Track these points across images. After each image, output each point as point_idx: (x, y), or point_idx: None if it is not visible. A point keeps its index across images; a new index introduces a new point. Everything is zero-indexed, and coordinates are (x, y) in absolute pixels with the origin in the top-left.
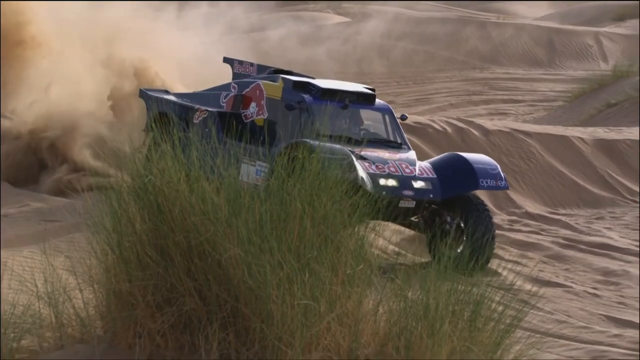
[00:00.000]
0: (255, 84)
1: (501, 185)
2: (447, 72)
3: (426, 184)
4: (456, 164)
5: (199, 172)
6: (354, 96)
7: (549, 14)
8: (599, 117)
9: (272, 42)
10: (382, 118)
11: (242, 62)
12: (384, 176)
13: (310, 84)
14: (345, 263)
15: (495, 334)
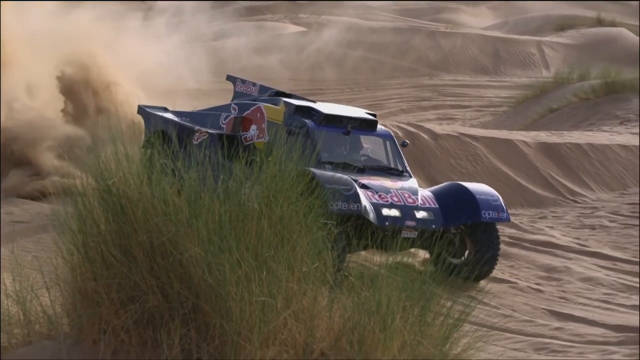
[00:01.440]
0: (256, 107)
1: (503, 217)
2: (398, 79)
3: (429, 214)
4: (458, 194)
5: (160, 176)
6: (356, 122)
7: (494, 24)
8: (542, 121)
9: (229, 50)
10: (383, 144)
11: (244, 81)
12: (386, 206)
13: (312, 109)
14: (301, 261)
15: (444, 328)
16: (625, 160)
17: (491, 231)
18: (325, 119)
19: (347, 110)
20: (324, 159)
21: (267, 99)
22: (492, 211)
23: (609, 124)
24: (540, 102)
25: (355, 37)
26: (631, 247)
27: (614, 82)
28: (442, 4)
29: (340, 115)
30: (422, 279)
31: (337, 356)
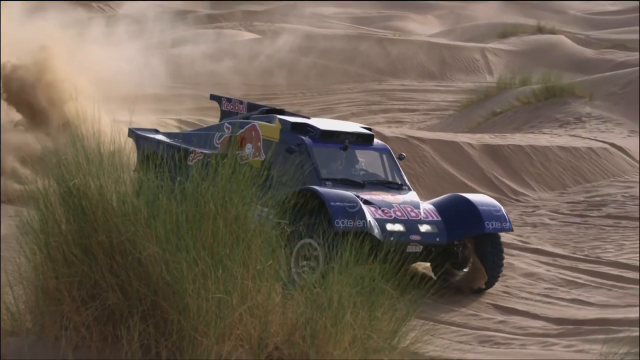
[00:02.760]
0: (251, 125)
1: (506, 227)
2: (348, 84)
3: (432, 228)
4: (460, 206)
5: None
6: (353, 137)
7: (441, 31)
8: (486, 124)
9: (186, 57)
10: (381, 158)
11: (230, 99)
12: (390, 221)
13: (309, 125)
14: (256, 259)
15: (392, 322)
16: (564, 161)
17: (494, 241)
18: (323, 135)
19: (342, 125)
20: (324, 175)
21: (260, 117)
22: (495, 222)
23: (549, 127)
24: (484, 106)
25: (307, 44)
26: (570, 243)
27: (554, 87)
28: (391, 13)
29: (337, 130)
30: (371, 276)
31: (291, 350)
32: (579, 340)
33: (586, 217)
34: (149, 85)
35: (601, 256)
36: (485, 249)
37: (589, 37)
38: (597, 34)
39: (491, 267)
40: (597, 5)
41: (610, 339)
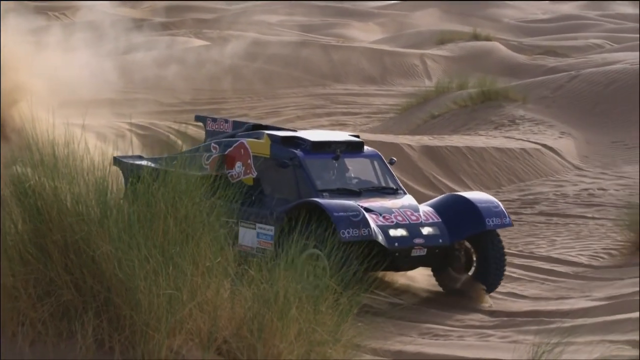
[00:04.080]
0: (239, 143)
1: (506, 222)
2: (294, 88)
3: (434, 230)
4: (459, 205)
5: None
6: (343, 146)
7: (382, 38)
8: (425, 126)
9: (137, 63)
10: (373, 165)
11: (215, 119)
12: (392, 227)
13: (299, 138)
14: (205, 257)
15: (336, 316)
16: (499, 161)
17: (495, 241)
18: (314, 146)
19: (331, 135)
20: (320, 187)
21: (246, 134)
22: (495, 218)
23: (485, 129)
24: (423, 109)
25: (254, 50)
26: (505, 239)
27: (489, 91)
28: (335, 20)
29: (328, 141)
30: (315, 272)
31: (239, 344)
32: (513, 331)
33: (520, 214)
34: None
35: (534, 251)
36: (487, 249)
37: (522, 43)
38: (530, 40)
39: (494, 266)
40: (529, 14)
41: (543, 329)
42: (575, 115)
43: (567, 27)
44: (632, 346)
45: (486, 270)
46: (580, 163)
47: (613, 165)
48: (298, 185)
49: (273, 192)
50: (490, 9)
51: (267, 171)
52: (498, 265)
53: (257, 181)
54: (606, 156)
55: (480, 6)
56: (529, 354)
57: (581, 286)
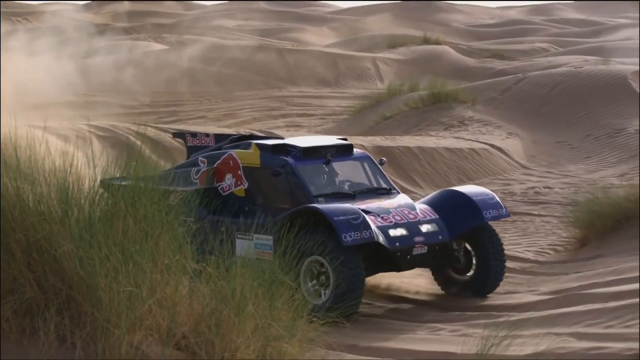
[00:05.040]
0: (227, 155)
1: (503, 213)
2: (251, 91)
3: (433, 227)
4: (455, 200)
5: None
6: (333, 150)
7: (335, 42)
8: (377, 127)
9: (98, 67)
10: (364, 166)
11: (195, 134)
12: (392, 227)
13: (288, 145)
14: (164, 255)
15: (291, 312)
16: (449, 161)
17: (491, 235)
18: (305, 152)
19: (319, 140)
20: (315, 192)
21: (233, 146)
22: (492, 209)
23: (435, 130)
24: (375, 110)
25: (212, 54)
26: None
27: (440, 93)
28: (290, 25)
29: (318, 146)
30: (271, 269)
31: (197, 339)
32: (463, 325)
33: None
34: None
35: None
36: (485, 245)
37: (470, 47)
38: (478, 44)
39: (494, 261)
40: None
41: (491, 323)
42: (522, 117)
43: (514, 31)
44: (577, 338)
45: (487, 268)
46: (527, 162)
47: (558, 164)
48: (292, 193)
49: (267, 201)
50: (440, 14)
51: (259, 181)
52: (498, 262)
53: (249, 192)
54: (552, 156)
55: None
56: (477, 347)
57: (528, 281)
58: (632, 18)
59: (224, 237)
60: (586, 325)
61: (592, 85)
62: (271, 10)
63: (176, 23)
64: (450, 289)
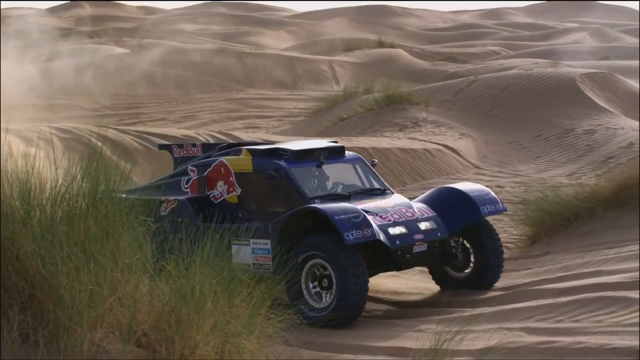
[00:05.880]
0: (218, 162)
1: (499, 208)
2: (210, 93)
3: (431, 224)
4: (451, 197)
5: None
6: (325, 152)
7: (292, 45)
8: (333, 129)
9: (60, 70)
10: (357, 168)
11: (181, 145)
12: (391, 225)
13: (280, 149)
14: (124, 254)
15: (249, 309)
16: (403, 161)
17: (489, 230)
18: (298, 155)
19: (311, 143)
20: (310, 194)
21: (223, 153)
22: (489, 205)
23: (390, 131)
24: (332, 112)
25: (172, 57)
26: None
27: (394, 95)
28: (248, 29)
29: (310, 148)
30: (230, 267)
31: (157, 336)
32: (418, 321)
33: None
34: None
35: None
36: (483, 241)
37: (424, 50)
38: (431, 47)
39: (493, 256)
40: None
41: (445, 319)
42: (474, 118)
43: (466, 35)
44: (527, 333)
45: (486, 263)
46: (479, 162)
47: (509, 163)
48: (287, 196)
49: (261, 206)
50: (394, 18)
51: (252, 186)
52: (496, 257)
53: (242, 198)
54: (503, 155)
55: (385, 15)
56: (431, 342)
57: None
58: (580, 22)
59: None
60: (537, 320)
61: (542, 87)
62: (231, 15)
63: (137, 27)
64: (449, 286)
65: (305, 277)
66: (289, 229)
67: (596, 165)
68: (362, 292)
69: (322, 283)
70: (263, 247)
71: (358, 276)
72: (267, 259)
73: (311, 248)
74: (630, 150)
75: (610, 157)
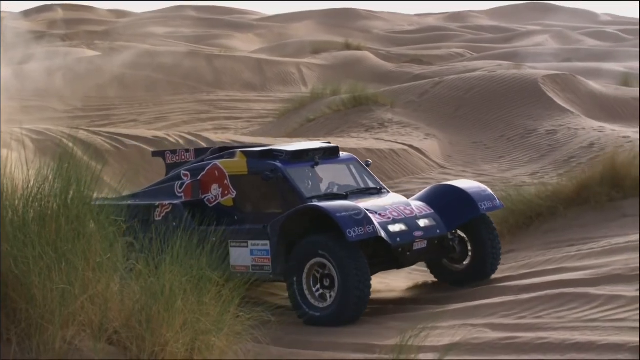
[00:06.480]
0: (212, 166)
1: (497, 204)
2: (180, 95)
3: (430, 221)
4: (449, 194)
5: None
6: (320, 152)
7: (261, 48)
8: (301, 129)
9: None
10: (352, 168)
11: (175, 151)
12: (390, 223)
13: (275, 150)
14: (95, 253)
15: (219, 307)
16: None
17: (488, 224)
18: (293, 155)
19: (304, 145)
20: (308, 194)
21: (216, 157)
22: (487, 201)
23: (357, 131)
24: (299, 113)
25: (142, 60)
26: None
27: (360, 96)
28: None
29: (304, 149)
30: (199, 266)
31: (128, 334)
32: (385, 318)
33: None
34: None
35: None
36: (482, 234)
37: (390, 52)
38: (397, 50)
39: (491, 250)
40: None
41: (411, 316)
42: (439, 118)
43: (431, 37)
44: (491, 329)
45: (484, 255)
46: (444, 162)
47: (473, 163)
48: (285, 196)
49: (257, 207)
50: (361, 21)
51: (248, 188)
52: (494, 248)
53: (238, 200)
54: (467, 155)
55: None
56: (397, 339)
57: None
58: (542, 25)
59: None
60: (500, 316)
61: (505, 88)
62: (200, 18)
63: (109, 30)
64: (447, 279)
65: (306, 277)
66: (288, 230)
67: (558, 164)
68: (365, 289)
69: (324, 282)
70: (262, 248)
71: (360, 273)
72: (267, 260)
73: (312, 247)
74: (591, 150)
75: (571, 156)
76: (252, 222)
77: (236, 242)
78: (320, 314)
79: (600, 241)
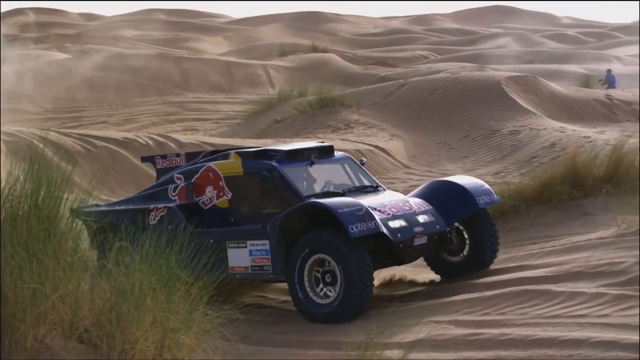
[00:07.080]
0: (206, 168)
1: (494, 199)
2: (150, 97)
3: (429, 217)
4: (447, 190)
5: None
6: (315, 151)
7: (229, 50)
8: (269, 130)
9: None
10: (346, 166)
11: (165, 156)
12: (390, 219)
13: (270, 150)
14: (66, 253)
15: (188, 305)
16: None
17: (486, 218)
18: (288, 155)
19: (299, 144)
20: (306, 193)
21: (209, 159)
22: (485, 196)
23: (323, 132)
24: (267, 114)
25: (112, 62)
26: None
27: (327, 98)
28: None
29: (299, 148)
30: (168, 265)
31: (99, 332)
32: None
33: None
34: None
35: None
36: (480, 227)
37: (355, 55)
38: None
39: (489, 242)
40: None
41: (377, 313)
42: (404, 119)
43: (396, 40)
44: (455, 325)
45: (481, 247)
46: (409, 162)
47: (438, 163)
48: (282, 196)
49: (254, 208)
50: (327, 24)
51: (243, 189)
52: (492, 240)
53: (233, 201)
54: (432, 155)
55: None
56: (364, 336)
57: (411, 273)
58: (504, 28)
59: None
60: (464, 313)
61: (468, 90)
62: (169, 21)
63: (79, 33)
64: (446, 272)
65: (307, 274)
66: (288, 228)
67: (520, 164)
68: (367, 285)
69: (326, 279)
70: (261, 248)
71: (363, 268)
72: (267, 260)
73: (313, 244)
74: (553, 150)
75: (533, 156)
76: (249, 222)
77: (234, 243)
78: (323, 311)
79: (561, 239)
